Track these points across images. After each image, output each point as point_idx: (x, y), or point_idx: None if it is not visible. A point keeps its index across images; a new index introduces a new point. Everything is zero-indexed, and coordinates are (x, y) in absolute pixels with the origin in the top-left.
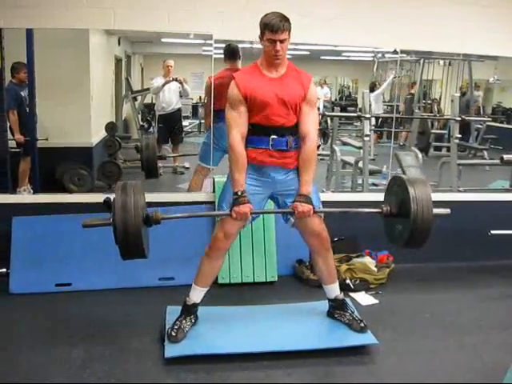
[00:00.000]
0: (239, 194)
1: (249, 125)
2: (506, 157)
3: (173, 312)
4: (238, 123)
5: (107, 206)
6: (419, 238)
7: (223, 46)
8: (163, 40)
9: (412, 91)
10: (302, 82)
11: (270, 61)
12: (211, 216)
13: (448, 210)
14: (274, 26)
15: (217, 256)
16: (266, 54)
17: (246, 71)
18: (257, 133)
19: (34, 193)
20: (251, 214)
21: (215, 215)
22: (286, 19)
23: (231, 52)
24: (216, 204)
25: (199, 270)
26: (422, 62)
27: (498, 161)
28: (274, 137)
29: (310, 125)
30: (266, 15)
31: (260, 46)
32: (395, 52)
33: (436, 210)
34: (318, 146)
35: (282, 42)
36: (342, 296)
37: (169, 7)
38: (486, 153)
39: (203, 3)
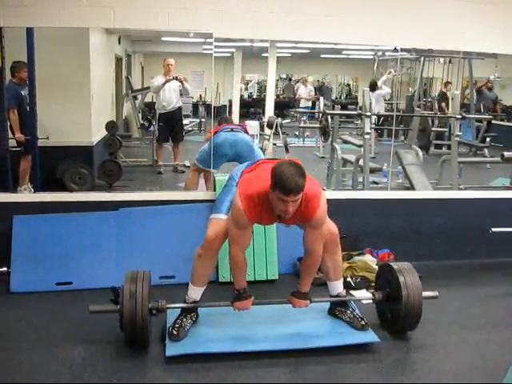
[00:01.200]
0: (241, 291)
1: None
2: (506, 154)
3: (173, 310)
4: (241, 241)
5: (114, 294)
6: (411, 321)
7: (224, 44)
8: (163, 39)
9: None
10: (306, 216)
11: (278, 213)
12: (212, 306)
13: (436, 293)
14: (287, 190)
15: (208, 256)
16: (274, 207)
17: (255, 200)
18: None
19: (34, 192)
20: (253, 304)
21: (216, 306)
22: (302, 177)
23: (226, 120)
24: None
25: (194, 271)
26: (422, 60)
27: (498, 158)
28: None
29: (315, 242)
30: (280, 168)
31: (260, 44)
32: (395, 50)
33: (425, 294)
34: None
35: (294, 201)
36: (344, 293)
37: (169, 6)
38: (486, 150)
39: (203, 2)
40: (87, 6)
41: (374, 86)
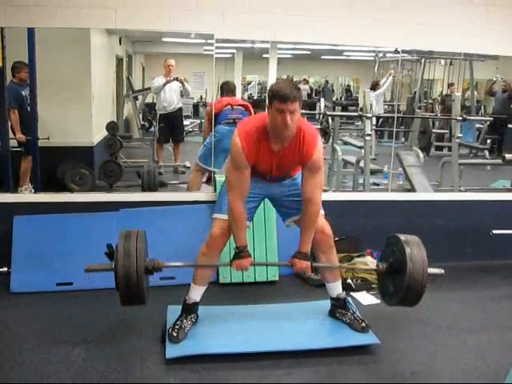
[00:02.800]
0: (241, 249)
1: None
2: (508, 156)
3: (174, 311)
4: (240, 187)
5: (109, 251)
6: (413, 296)
7: (225, 45)
8: (164, 39)
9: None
10: (304, 154)
11: (277, 133)
12: (212, 266)
13: (442, 271)
14: (283, 95)
15: (212, 254)
16: (273, 125)
17: (254, 136)
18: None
19: (35, 192)
20: (251, 265)
21: (216, 265)
22: (296, 88)
23: (229, 89)
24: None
25: (196, 270)
26: (423, 61)
27: (499, 160)
28: (271, 177)
29: (313, 191)
30: (275, 83)
31: (261, 45)
32: (396, 51)
33: (431, 270)
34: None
35: (291, 112)
36: (343, 295)
37: (170, 6)
38: (487, 152)
39: (205, 3)
40: (88, 6)
41: (375, 87)
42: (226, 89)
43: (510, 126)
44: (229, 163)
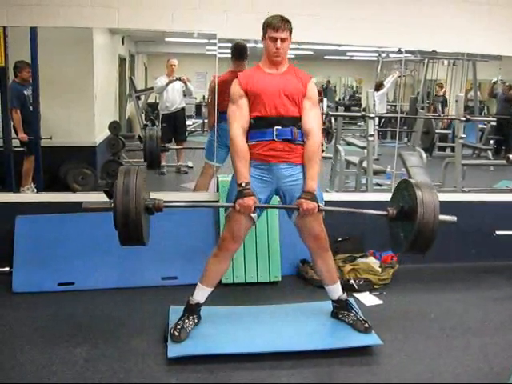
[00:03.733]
0: (243, 185)
1: (251, 119)
2: None
3: (176, 312)
4: (238, 116)
5: (108, 194)
6: (423, 242)
7: (227, 45)
8: (167, 39)
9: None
10: (302, 79)
11: (271, 59)
12: (214, 207)
13: (454, 218)
14: (275, 25)
15: (224, 256)
16: (267, 53)
17: (248, 70)
18: (260, 126)
19: (37, 192)
20: (255, 207)
21: (218, 206)
22: (287, 21)
23: (239, 51)
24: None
25: (206, 270)
26: (426, 61)
27: (503, 161)
28: (278, 127)
29: (313, 121)
30: (268, 17)
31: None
32: (400, 52)
33: (442, 217)
34: (322, 146)
35: (282, 40)
36: (345, 296)
37: (173, 6)
38: (490, 153)
39: (208, 2)
40: (91, 5)
41: (379, 87)
42: (236, 53)
43: None
44: (229, 104)
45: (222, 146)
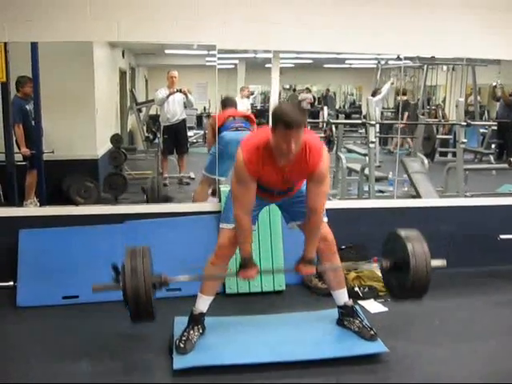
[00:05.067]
0: (246, 260)
1: None
2: None
3: (180, 323)
4: (245, 200)
5: (115, 271)
6: (419, 290)
7: (227, 55)
8: (167, 51)
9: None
10: (310, 166)
11: (281, 156)
12: (218, 277)
13: (444, 262)
14: (289, 123)
15: (221, 263)
16: (277, 149)
17: (256, 151)
18: (260, 189)
19: (40, 205)
20: (258, 273)
21: (223, 276)
22: (301, 112)
23: (230, 103)
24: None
25: (205, 280)
26: (425, 67)
27: (505, 165)
28: (277, 191)
29: (318, 201)
30: (280, 106)
31: (263, 55)
32: (399, 58)
33: (434, 263)
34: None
35: (296, 138)
36: (351, 302)
37: (172, 18)
38: (491, 157)
39: (206, 14)
40: (91, 19)
41: (374, 93)
42: (228, 103)
43: None
44: (233, 176)
45: (224, 158)
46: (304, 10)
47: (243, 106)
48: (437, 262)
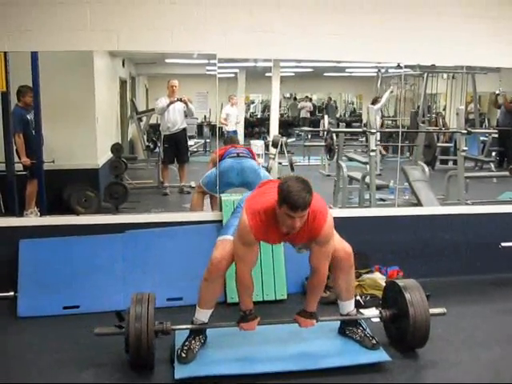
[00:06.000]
0: (247, 313)
1: None
2: None
3: (182, 332)
4: (248, 259)
5: (119, 317)
6: (419, 338)
7: (227, 65)
8: (167, 61)
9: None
10: (314, 232)
11: (284, 228)
12: (223, 326)
13: (444, 310)
14: (295, 205)
15: (215, 278)
16: (281, 223)
17: (262, 217)
18: None
19: (40, 215)
20: (259, 324)
21: (224, 326)
22: (309, 191)
23: (231, 141)
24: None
25: (200, 295)
26: (425, 75)
27: (505, 173)
28: None
29: (321, 260)
30: (288, 184)
31: (263, 64)
32: (399, 67)
33: (432, 311)
34: None
35: (301, 217)
36: (355, 312)
37: (172, 27)
38: (492, 165)
39: (207, 23)
40: (91, 29)
41: (374, 102)
42: (229, 142)
43: None
44: (237, 237)
45: (223, 184)
46: (305, 19)
47: (232, 113)
48: (436, 310)
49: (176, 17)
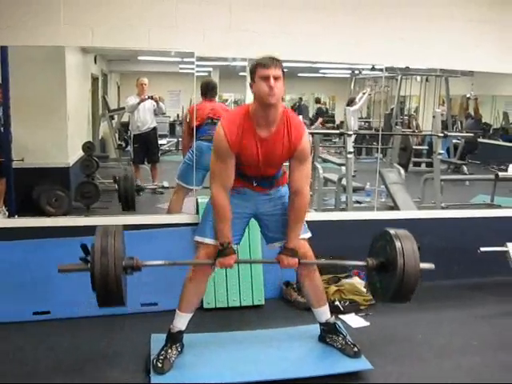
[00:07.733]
0: (224, 245)
1: None
2: (501, 174)
3: (158, 340)
4: (223, 176)
5: (84, 251)
6: (406, 292)
7: (203, 63)
8: (140, 58)
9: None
10: (292, 141)
11: (265, 101)
12: (194, 264)
13: (432, 265)
14: (265, 62)
15: (199, 280)
16: (258, 98)
17: (237, 122)
18: (239, 176)
19: (9, 216)
20: (236, 262)
21: (199, 263)
22: (277, 59)
23: (210, 91)
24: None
25: (183, 296)
26: (399, 78)
27: (480, 176)
28: (258, 179)
29: (302, 180)
30: (255, 59)
31: (239, 63)
32: (373, 69)
33: (422, 265)
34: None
35: (276, 79)
36: (333, 319)
37: (149, 25)
38: (465, 168)
39: (185, 21)
40: (64, 24)
41: (350, 103)
42: (208, 91)
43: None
44: (212, 153)
45: (199, 168)
46: (281, 19)
47: None
48: (425, 265)
49: (154, 13)
